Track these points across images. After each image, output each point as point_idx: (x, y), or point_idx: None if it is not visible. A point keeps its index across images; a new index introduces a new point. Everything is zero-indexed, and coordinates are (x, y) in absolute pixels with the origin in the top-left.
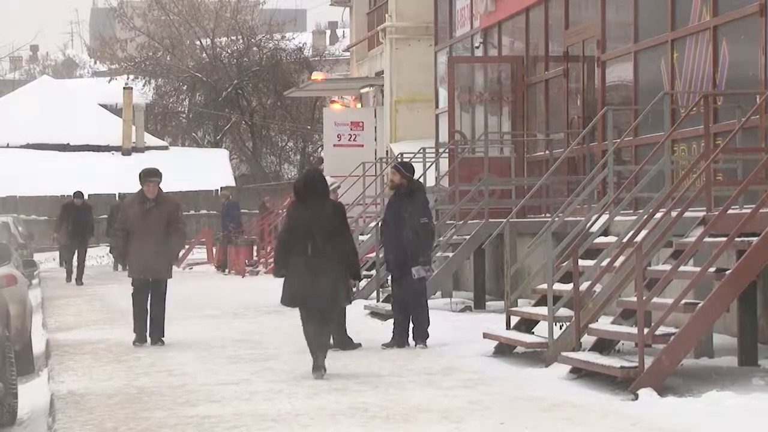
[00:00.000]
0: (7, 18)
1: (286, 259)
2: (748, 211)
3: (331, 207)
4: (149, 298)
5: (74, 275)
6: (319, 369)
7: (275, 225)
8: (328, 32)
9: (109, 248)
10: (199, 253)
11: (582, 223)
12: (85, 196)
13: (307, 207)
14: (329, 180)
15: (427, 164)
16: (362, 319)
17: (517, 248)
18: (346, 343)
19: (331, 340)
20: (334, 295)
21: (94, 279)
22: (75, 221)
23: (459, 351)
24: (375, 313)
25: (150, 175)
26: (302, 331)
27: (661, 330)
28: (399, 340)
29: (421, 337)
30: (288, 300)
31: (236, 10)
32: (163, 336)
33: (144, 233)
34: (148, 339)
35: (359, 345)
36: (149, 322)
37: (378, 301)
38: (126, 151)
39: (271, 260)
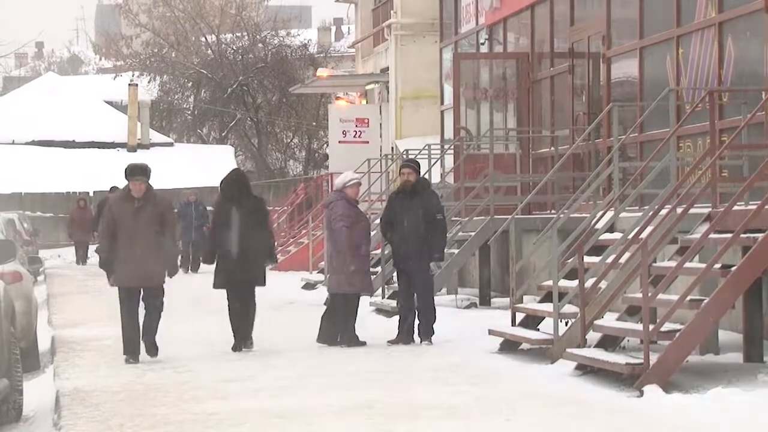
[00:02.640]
0: (12, 14)
1: (215, 249)
2: (754, 207)
3: (253, 202)
4: (141, 310)
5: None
6: (239, 346)
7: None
8: (333, 29)
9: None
10: None
11: (587, 219)
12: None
13: (232, 203)
14: (350, 175)
15: (432, 161)
16: (368, 315)
17: (522, 245)
18: (353, 340)
19: (338, 337)
20: (256, 279)
21: (100, 275)
22: None
23: (464, 348)
24: (380, 310)
25: (135, 174)
26: (228, 311)
27: (667, 326)
28: (405, 337)
29: (428, 333)
30: (218, 283)
31: (241, 6)
32: (156, 349)
33: (131, 236)
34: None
35: (364, 343)
36: (141, 333)
37: (383, 297)
38: (131, 148)
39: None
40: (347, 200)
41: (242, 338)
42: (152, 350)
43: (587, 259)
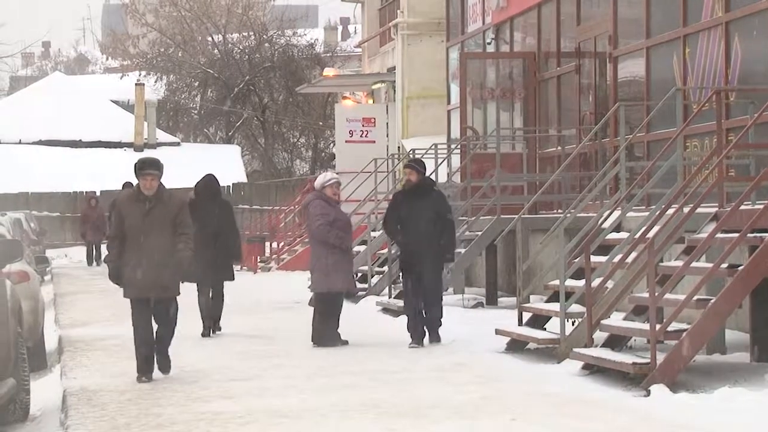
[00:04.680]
0: (19, 14)
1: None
2: (761, 206)
3: (222, 205)
4: (153, 322)
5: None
6: (207, 333)
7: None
8: (340, 28)
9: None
10: None
11: (594, 219)
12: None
13: (204, 205)
14: (329, 175)
15: (439, 160)
16: (374, 315)
17: (529, 244)
18: (335, 340)
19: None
20: (225, 275)
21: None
22: None
23: (471, 347)
24: (387, 309)
25: (146, 167)
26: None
27: (673, 326)
28: (419, 339)
29: (436, 334)
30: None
31: (248, 6)
32: (169, 364)
33: (142, 240)
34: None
35: (346, 342)
36: (155, 348)
37: (390, 297)
38: (138, 148)
39: (284, 256)
40: (325, 199)
41: (209, 326)
42: (165, 367)
43: (594, 258)
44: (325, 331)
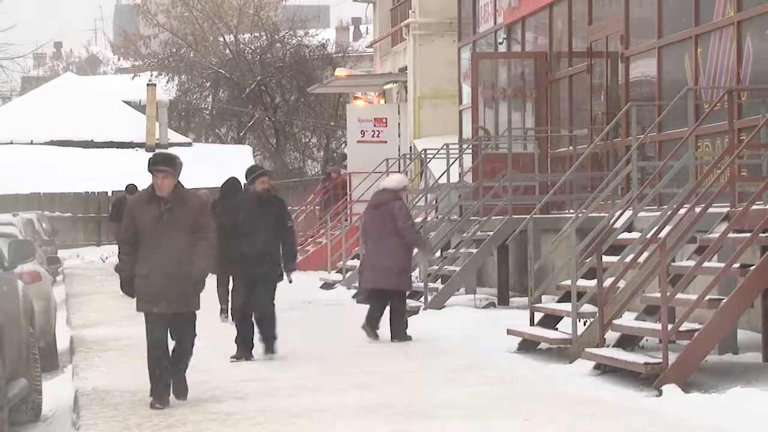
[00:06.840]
0: (31, 14)
1: None
2: None
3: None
4: (169, 339)
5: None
6: (225, 314)
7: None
8: (352, 28)
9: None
10: None
11: (606, 219)
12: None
13: (228, 205)
14: (401, 179)
15: (451, 160)
16: (387, 315)
17: (540, 244)
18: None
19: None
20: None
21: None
22: None
23: (482, 347)
24: None
25: (158, 163)
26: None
27: (685, 326)
28: (245, 351)
29: (272, 347)
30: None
31: (259, 6)
32: (186, 388)
33: (157, 247)
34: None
35: (409, 338)
36: (171, 368)
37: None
38: (150, 148)
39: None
40: (402, 201)
41: (227, 309)
42: (182, 391)
43: (606, 258)
44: (398, 327)
